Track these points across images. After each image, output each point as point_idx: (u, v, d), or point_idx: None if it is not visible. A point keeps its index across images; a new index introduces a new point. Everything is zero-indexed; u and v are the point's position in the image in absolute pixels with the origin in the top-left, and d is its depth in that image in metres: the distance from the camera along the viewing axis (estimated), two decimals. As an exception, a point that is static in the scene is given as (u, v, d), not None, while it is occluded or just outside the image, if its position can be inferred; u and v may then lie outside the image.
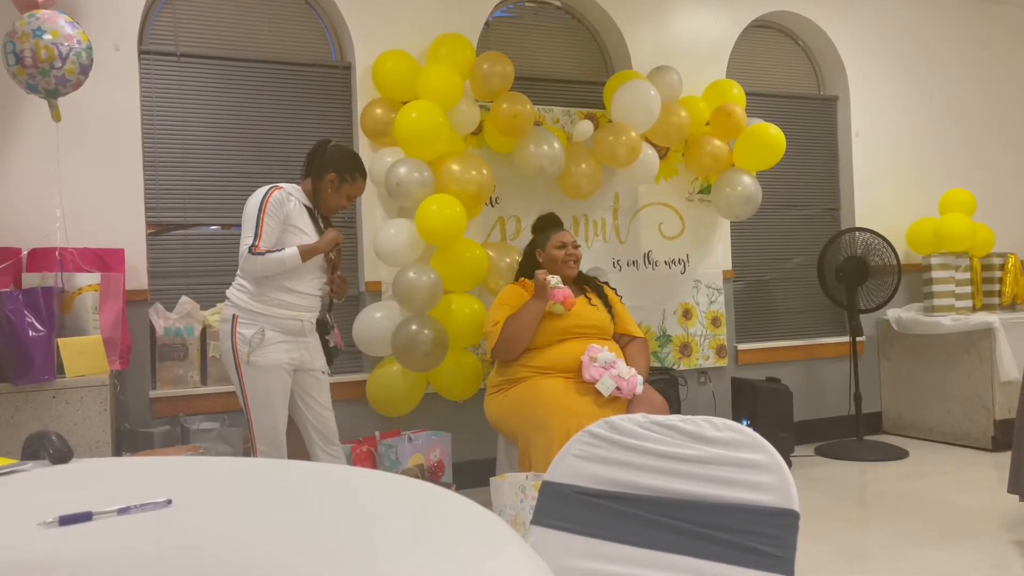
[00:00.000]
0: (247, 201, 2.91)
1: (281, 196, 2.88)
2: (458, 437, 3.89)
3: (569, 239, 3.64)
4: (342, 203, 3.04)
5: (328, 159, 3.00)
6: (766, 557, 1.18)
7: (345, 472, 1.28)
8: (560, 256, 3.60)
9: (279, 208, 2.86)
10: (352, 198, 3.07)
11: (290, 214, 2.90)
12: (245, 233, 2.85)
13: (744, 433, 1.30)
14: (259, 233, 2.81)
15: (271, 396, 2.89)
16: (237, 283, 2.94)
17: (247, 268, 2.85)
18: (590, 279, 3.77)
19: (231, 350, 2.87)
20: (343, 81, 4.11)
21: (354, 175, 3.01)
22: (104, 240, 3.46)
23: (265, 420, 2.89)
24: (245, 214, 2.88)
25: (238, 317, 2.87)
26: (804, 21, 5.18)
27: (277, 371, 2.89)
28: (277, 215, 2.85)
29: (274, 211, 2.84)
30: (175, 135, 3.79)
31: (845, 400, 5.01)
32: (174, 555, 0.89)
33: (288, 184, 2.98)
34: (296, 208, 2.93)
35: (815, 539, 3.23)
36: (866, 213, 5.22)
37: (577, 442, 1.39)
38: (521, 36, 4.55)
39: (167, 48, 3.78)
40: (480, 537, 0.94)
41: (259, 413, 2.88)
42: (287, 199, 2.90)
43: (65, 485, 1.24)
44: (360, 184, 3.05)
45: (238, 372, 2.87)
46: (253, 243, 2.80)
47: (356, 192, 3.06)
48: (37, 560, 0.87)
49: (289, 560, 0.85)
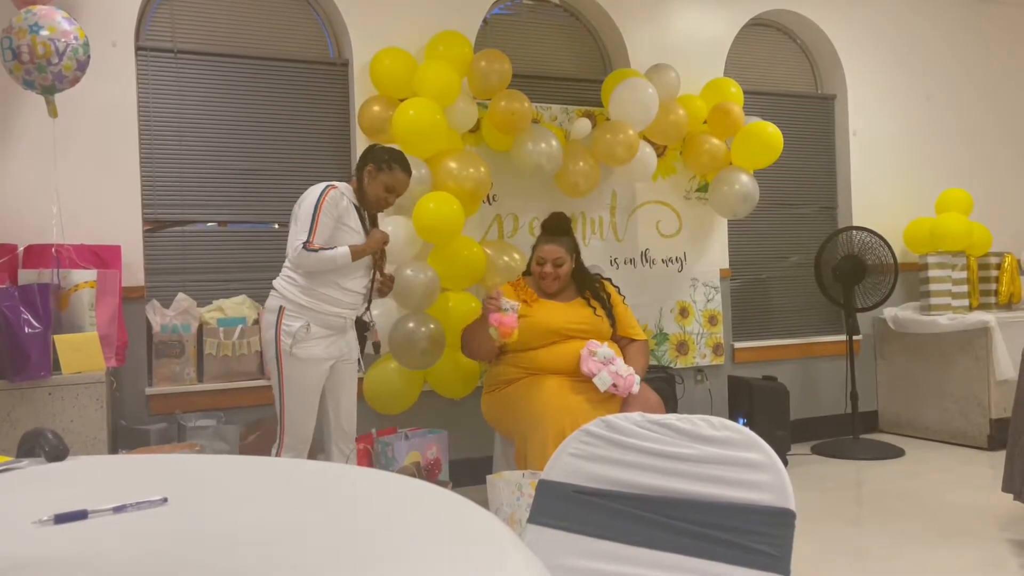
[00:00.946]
0: (303, 196, 2.97)
1: (336, 195, 2.94)
2: (455, 435, 3.89)
3: (552, 255, 3.46)
4: (381, 194, 3.05)
5: (369, 154, 3.07)
6: (762, 556, 1.18)
7: (342, 471, 1.28)
8: (538, 272, 3.51)
9: (334, 207, 2.93)
10: (392, 190, 3.06)
11: (343, 213, 2.97)
12: (300, 228, 2.90)
13: (740, 432, 1.30)
14: (314, 229, 2.87)
15: (307, 390, 2.96)
16: (286, 275, 2.98)
17: (299, 262, 2.90)
18: (591, 281, 3.64)
19: (274, 340, 2.93)
20: (341, 78, 4.10)
21: (391, 164, 3.03)
22: (101, 237, 3.45)
23: (297, 413, 2.96)
24: (300, 209, 2.94)
25: (285, 309, 2.93)
26: (802, 20, 5.18)
27: (316, 365, 2.97)
28: (332, 213, 2.93)
29: (329, 209, 2.91)
30: (172, 132, 3.78)
31: (841, 399, 5.01)
32: (170, 553, 0.89)
33: (340, 183, 3.03)
34: (347, 206, 3.00)
35: (811, 537, 3.23)
36: (863, 212, 5.23)
37: (574, 441, 1.39)
38: (519, 34, 4.54)
39: (164, 44, 3.77)
40: (476, 537, 0.94)
41: (292, 404, 2.95)
42: (340, 198, 2.97)
43: (61, 483, 1.23)
44: (398, 175, 3.05)
45: (279, 363, 2.94)
46: (308, 239, 2.86)
47: (394, 183, 3.05)
48: (32, 558, 0.87)
49: (285, 559, 0.85)
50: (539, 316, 3.39)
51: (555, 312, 3.42)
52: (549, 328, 3.37)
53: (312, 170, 4.03)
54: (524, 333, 3.32)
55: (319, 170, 4.04)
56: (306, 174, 4.01)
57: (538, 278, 3.50)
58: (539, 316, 3.39)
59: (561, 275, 3.48)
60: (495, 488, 3.12)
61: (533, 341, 3.36)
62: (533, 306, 3.42)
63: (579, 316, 3.44)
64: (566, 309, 3.45)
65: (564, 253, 3.48)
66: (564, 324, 3.38)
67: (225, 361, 3.63)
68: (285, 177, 3.98)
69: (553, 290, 3.50)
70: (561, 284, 3.50)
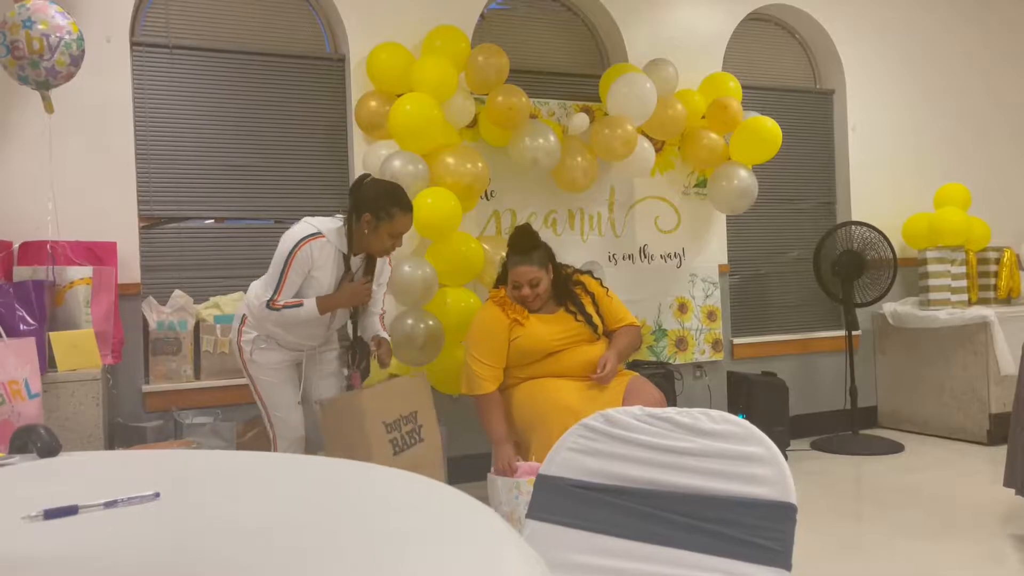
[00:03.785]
0: (283, 238, 2.80)
1: (308, 251, 2.75)
2: (453, 431, 3.87)
3: (526, 278, 3.26)
4: (386, 244, 2.83)
5: (362, 198, 2.80)
6: (764, 550, 1.16)
7: (337, 465, 1.26)
8: (516, 296, 3.31)
9: (304, 264, 2.76)
10: (397, 236, 2.84)
11: (317, 266, 2.79)
12: (268, 278, 2.80)
13: (741, 426, 1.29)
14: (280, 287, 2.76)
15: (278, 385, 2.97)
16: None
17: (259, 317, 2.82)
18: (569, 289, 3.42)
19: (236, 345, 2.96)
20: (337, 73, 4.08)
21: (391, 211, 2.78)
22: (96, 233, 3.43)
23: (279, 410, 2.97)
24: (276, 255, 2.79)
25: (246, 318, 2.93)
26: (801, 14, 5.17)
27: (280, 367, 2.97)
28: (301, 271, 2.77)
29: (299, 267, 2.76)
30: (168, 127, 3.76)
31: (841, 394, 5.00)
32: (160, 549, 0.87)
33: (330, 223, 2.83)
34: (326, 257, 2.80)
35: (810, 532, 3.22)
36: (862, 207, 5.22)
37: (572, 435, 1.38)
38: (516, 28, 4.52)
39: (159, 40, 3.75)
40: (475, 532, 0.93)
41: (271, 404, 2.97)
42: (318, 250, 2.77)
43: (52, 479, 1.22)
44: (400, 219, 2.80)
45: (245, 368, 2.97)
46: (272, 296, 2.76)
47: (399, 228, 2.82)
48: (20, 554, 0.85)
49: (278, 554, 0.84)
50: (532, 333, 3.29)
51: (545, 327, 3.32)
52: (543, 345, 3.28)
53: (309, 165, 4.02)
54: (520, 353, 3.28)
55: (316, 166, 4.03)
56: (303, 170, 4.01)
57: (517, 303, 3.34)
58: (532, 333, 3.29)
59: (541, 293, 3.31)
60: (493, 486, 3.11)
61: (529, 357, 3.31)
62: (525, 324, 3.31)
63: (566, 327, 3.34)
64: (553, 321, 3.35)
65: (538, 271, 3.28)
66: (556, 336, 3.30)
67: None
68: (282, 173, 3.96)
69: (536, 308, 3.36)
70: (542, 301, 3.36)
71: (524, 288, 3.28)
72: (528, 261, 3.29)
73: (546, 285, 3.33)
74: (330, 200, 4.05)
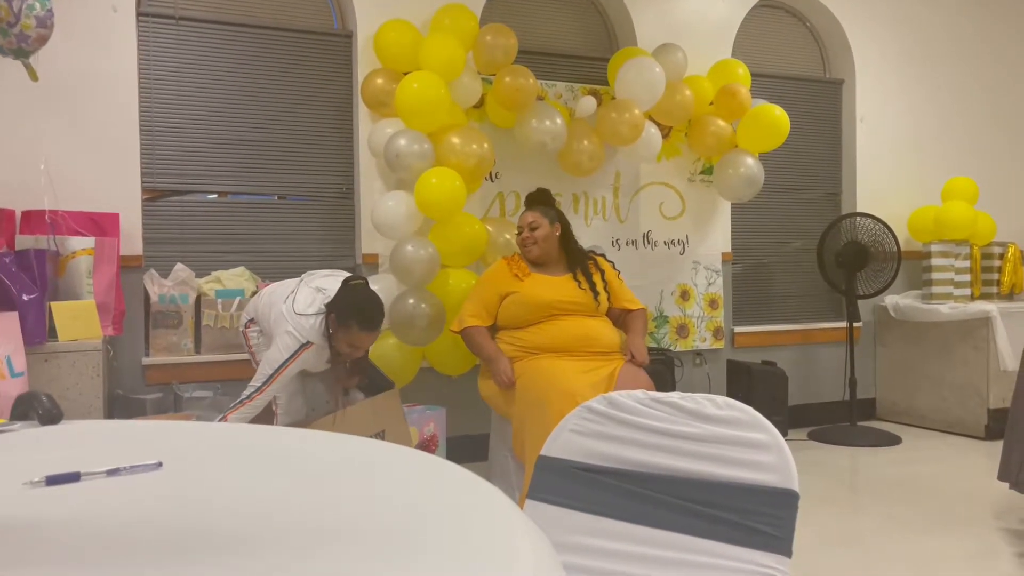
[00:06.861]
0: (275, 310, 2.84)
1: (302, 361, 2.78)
2: (453, 412, 3.88)
3: (526, 221, 3.46)
4: (344, 349, 2.77)
5: (336, 299, 2.76)
6: (765, 537, 1.16)
7: (340, 439, 1.26)
8: (519, 241, 3.50)
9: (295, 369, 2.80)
10: (354, 347, 2.77)
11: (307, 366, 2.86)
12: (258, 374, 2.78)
13: (745, 412, 1.28)
14: (265, 387, 2.75)
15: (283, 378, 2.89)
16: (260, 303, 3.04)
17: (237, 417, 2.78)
18: (583, 257, 3.57)
19: (242, 334, 3.12)
20: (344, 50, 4.05)
21: (349, 323, 2.72)
22: (99, 204, 3.42)
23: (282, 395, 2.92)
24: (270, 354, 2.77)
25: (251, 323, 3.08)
26: (812, 3, 5.12)
27: None
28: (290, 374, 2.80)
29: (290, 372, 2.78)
30: (173, 100, 3.74)
31: (840, 385, 5.01)
32: (162, 517, 0.87)
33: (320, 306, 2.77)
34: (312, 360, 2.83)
35: (806, 523, 3.21)
36: (868, 198, 5.20)
37: (575, 417, 1.37)
38: (525, 9, 4.48)
39: (166, 11, 3.72)
40: (478, 507, 0.92)
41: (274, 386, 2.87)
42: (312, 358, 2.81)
43: (54, 446, 1.21)
44: (357, 334, 2.73)
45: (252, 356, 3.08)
46: (250, 395, 2.76)
47: (355, 341, 2.75)
48: (22, 519, 0.85)
49: (278, 524, 0.84)
50: (529, 291, 3.35)
51: (545, 287, 3.37)
52: (539, 302, 3.32)
53: (314, 142, 4.00)
54: (516, 308, 3.33)
55: (321, 142, 4.01)
56: (308, 146, 3.99)
57: (519, 247, 3.51)
58: (529, 291, 3.35)
59: (538, 238, 3.43)
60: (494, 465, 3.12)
61: (525, 316, 3.34)
62: (525, 281, 3.39)
63: (567, 291, 3.39)
64: (555, 284, 3.41)
65: (539, 217, 3.45)
66: (554, 298, 3.34)
67: (222, 333, 3.61)
68: (286, 149, 3.94)
69: (534, 255, 3.45)
70: (541, 249, 3.43)
71: (524, 232, 3.46)
72: (532, 209, 3.51)
73: (544, 233, 3.45)
74: (334, 178, 4.03)
